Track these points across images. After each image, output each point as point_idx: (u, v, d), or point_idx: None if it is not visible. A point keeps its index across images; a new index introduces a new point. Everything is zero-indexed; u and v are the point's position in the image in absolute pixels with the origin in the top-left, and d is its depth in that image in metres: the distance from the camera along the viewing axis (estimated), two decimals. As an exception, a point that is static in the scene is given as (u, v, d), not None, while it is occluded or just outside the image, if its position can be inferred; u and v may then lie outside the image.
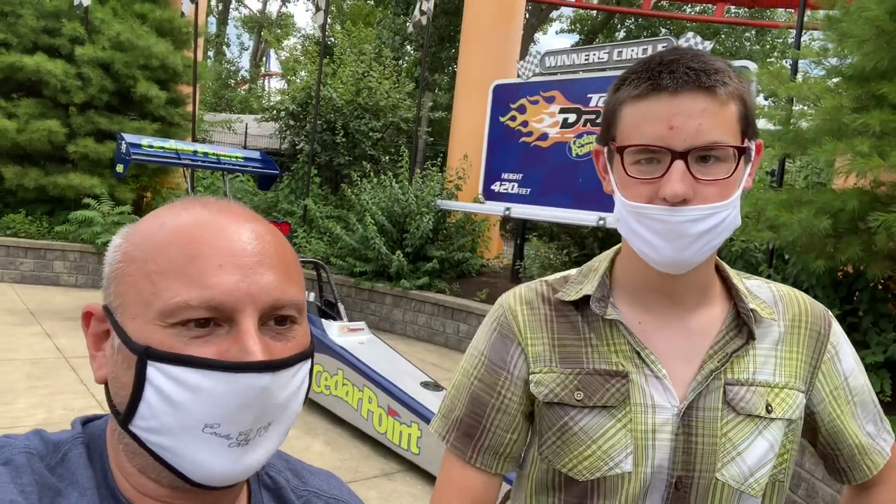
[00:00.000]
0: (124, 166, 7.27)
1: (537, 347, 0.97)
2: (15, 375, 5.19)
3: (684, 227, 0.83)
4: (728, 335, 0.93)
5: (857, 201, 4.00)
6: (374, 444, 4.50)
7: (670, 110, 0.82)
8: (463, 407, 1.02)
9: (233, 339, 0.58)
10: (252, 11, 37.68)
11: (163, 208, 0.65)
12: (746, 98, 0.86)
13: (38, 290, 8.86)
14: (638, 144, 0.84)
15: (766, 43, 24.16)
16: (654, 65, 0.85)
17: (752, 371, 0.92)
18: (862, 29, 3.93)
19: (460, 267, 8.84)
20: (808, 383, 0.96)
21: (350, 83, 12.65)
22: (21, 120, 9.70)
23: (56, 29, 9.92)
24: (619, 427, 0.91)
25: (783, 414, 0.91)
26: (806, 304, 0.99)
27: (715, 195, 0.83)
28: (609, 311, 0.94)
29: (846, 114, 4.04)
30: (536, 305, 1.00)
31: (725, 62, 0.86)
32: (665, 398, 0.91)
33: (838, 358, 0.98)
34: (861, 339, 4.57)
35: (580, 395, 0.93)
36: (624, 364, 0.93)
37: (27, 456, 0.60)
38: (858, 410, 0.98)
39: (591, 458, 0.91)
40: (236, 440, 0.58)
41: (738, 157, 0.84)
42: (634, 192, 0.86)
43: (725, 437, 0.90)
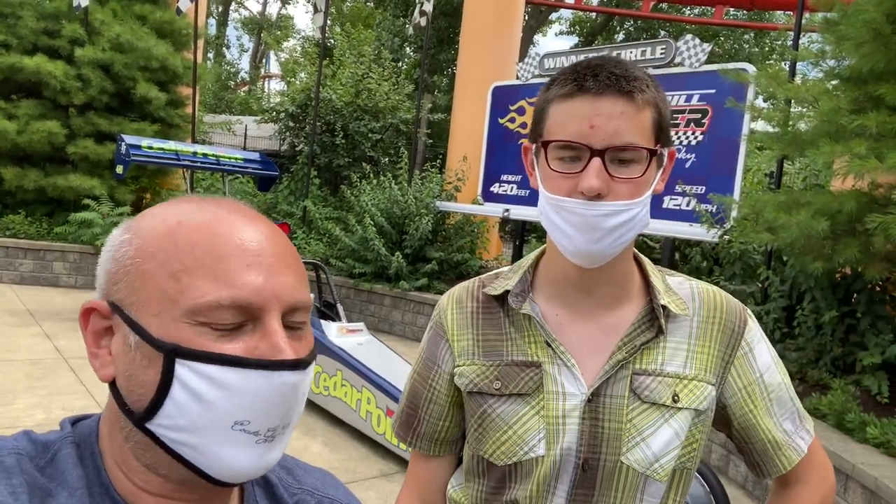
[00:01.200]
0: (124, 167, 7.28)
1: (462, 343, 1.05)
2: (15, 376, 5.19)
3: (598, 220, 0.89)
4: (639, 328, 0.98)
5: (855, 203, 4.01)
6: (372, 444, 4.50)
7: (592, 111, 0.89)
8: (405, 399, 1.15)
9: (260, 337, 0.59)
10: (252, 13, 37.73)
11: (166, 205, 0.64)
12: (661, 107, 0.93)
13: (38, 290, 8.86)
14: (561, 140, 0.91)
15: (765, 45, 24.18)
16: (582, 68, 0.91)
17: (661, 362, 0.97)
18: (859, 31, 3.95)
19: (459, 268, 8.85)
20: (720, 377, 1.00)
21: (350, 85, 12.66)
22: (21, 121, 9.71)
23: (56, 30, 9.93)
24: (533, 413, 0.97)
25: (690, 404, 0.96)
26: (722, 301, 1.03)
27: (627, 193, 0.89)
28: (525, 306, 1.00)
29: (844, 115, 4.05)
30: (465, 304, 1.08)
31: (645, 72, 0.93)
32: (575, 386, 0.96)
33: (752, 355, 1.01)
34: (859, 341, 4.59)
35: (498, 385, 1.00)
36: (538, 355, 0.99)
37: (16, 457, 0.59)
38: (775, 407, 1.02)
39: (508, 442, 0.98)
40: (263, 437, 0.59)
41: (649, 159, 0.90)
42: (556, 185, 0.92)
43: (630, 424, 0.95)
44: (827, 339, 4.72)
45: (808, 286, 4.84)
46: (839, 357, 4.68)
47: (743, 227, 4.95)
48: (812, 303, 4.81)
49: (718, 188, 6.39)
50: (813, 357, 4.82)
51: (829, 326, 4.68)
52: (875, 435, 3.66)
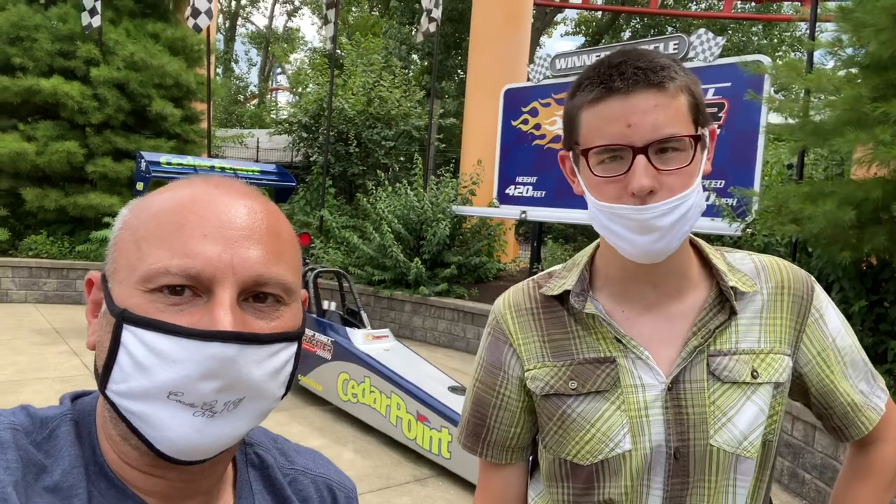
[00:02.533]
0: (144, 184, 7.37)
1: (529, 346, 1.04)
2: (47, 394, 5.26)
3: (654, 221, 0.88)
4: (710, 313, 0.97)
5: (881, 191, 3.98)
6: (404, 450, 4.51)
7: (626, 110, 0.87)
8: (469, 408, 1.12)
9: (207, 310, 0.58)
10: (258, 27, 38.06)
11: (170, 183, 0.66)
12: (694, 89, 0.91)
13: (63, 309, 8.97)
14: (601, 145, 0.89)
15: (774, 37, 24.04)
16: (605, 68, 0.90)
17: (735, 341, 0.97)
18: (878, 18, 3.92)
19: (478, 272, 8.85)
20: (794, 346, 1.00)
21: (361, 93, 12.73)
22: (40, 142, 9.86)
23: (71, 51, 10.08)
24: (614, 409, 0.96)
25: (770, 378, 0.96)
26: (788, 272, 1.02)
27: (678, 184, 0.88)
28: (588, 305, 0.99)
29: (866, 103, 4.02)
30: (524, 305, 1.06)
31: (670, 58, 0.91)
32: (652, 376, 0.96)
33: (823, 321, 1.01)
34: (889, 330, 4.53)
35: (574, 384, 0.99)
36: (611, 350, 0.98)
37: (12, 432, 0.59)
38: (849, 370, 1.02)
39: (592, 441, 0.97)
40: (201, 410, 0.57)
41: (694, 145, 0.89)
42: (603, 191, 0.91)
43: (714, 406, 0.94)
44: (857, 328, 4.67)
45: (836, 276, 4.79)
46: (870, 347, 4.62)
47: (766, 220, 4.92)
48: (840, 293, 4.77)
49: (738, 181, 6.35)
50: (843, 348, 4.77)
51: (858, 317, 4.63)
52: (913, 424, 3.62)
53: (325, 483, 0.81)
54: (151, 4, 11.33)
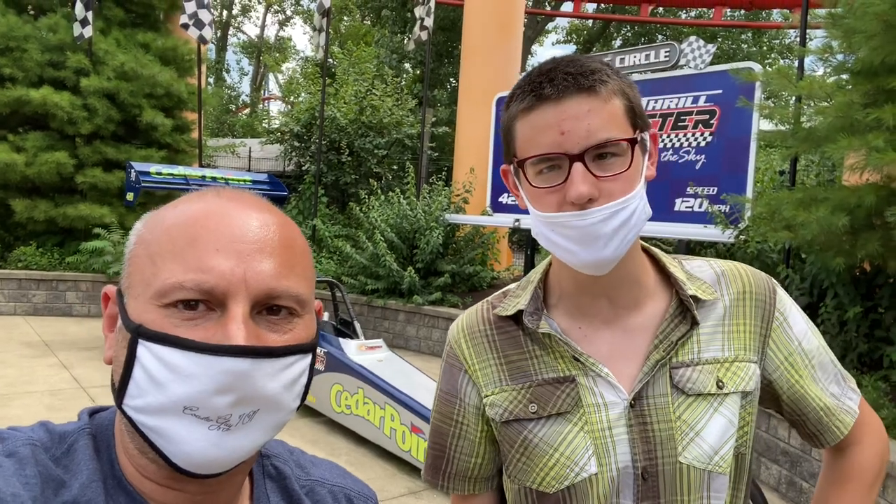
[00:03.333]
0: (134, 194, 7.32)
1: (486, 370, 0.99)
2: (35, 408, 5.18)
3: (596, 228, 0.84)
4: (672, 324, 0.93)
5: (874, 196, 3.98)
6: (398, 462, 4.46)
7: (558, 116, 0.84)
8: (429, 440, 1.08)
9: (220, 324, 0.58)
10: (250, 37, 38.07)
11: (183, 196, 0.65)
12: (628, 91, 0.88)
13: (52, 321, 8.88)
14: (535, 155, 0.86)
15: (764, 44, 24.24)
16: (535, 76, 0.87)
17: (697, 351, 0.93)
18: (869, 24, 3.93)
19: (471, 280, 8.82)
20: (761, 353, 0.96)
21: (353, 102, 12.73)
22: (29, 153, 9.79)
23: (61, 62, 10.03)
24: (577, 430, 0.92)
25: (736, 387, 0.92)
26: (749, 277, 0.99)
27: (618, 190, 0.85)
28: (542, 325, 0.95)
29: (857, 110, 4.03)
30: (478, 328, 1.02)
31: (603, 62, 0.89)
32: (614, 394, 0.91)
33: (788, 324, 0.98)
34: (884, 336, 4.53)
35: (534, 408, 0.94)
36: (570, 369, 0.94)
37: (31, 448, 0.59)
38: (818, 373, 0.99)
39: (556, 466, 0.92)
40: (216, 423, 0.57)
41: (631, 148, 0.86)
42: (544, 202, 0.88)
43: (680, 420, 0.90)
44: (852, 335, 4.66)
45: (830, 283, 4.79)
46: (865, 353, 4.62)
47: (759, 227, 4.91)
48: (835, 299, 4.76)
49: (730, 188, 6.36)
50: (839, 354, 4.76)
51: (853, 323, 4.63)
52: (910, 431, 3.60)
53: (344, 493, 0.80)
54: (142, 14, 11.30)
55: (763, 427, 4.44)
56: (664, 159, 7.18)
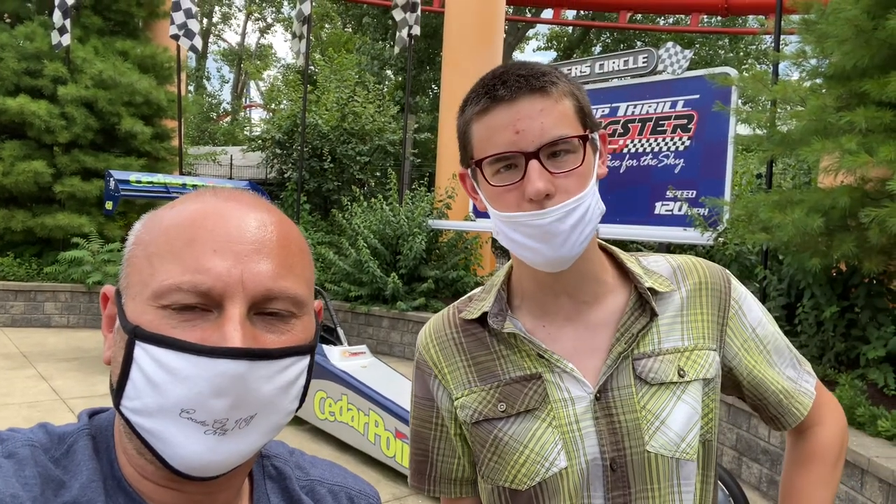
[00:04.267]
0: (113, 203, 7.24)
1: (455, 374, 1.01)
2: (13, 420, 5.10)
3: (554, 226, 0.87)
4: (632, 317, 0.96)
5: (848, 198, 4.05)
6: (383, 468, 4.45)
7: (512, 116, 0.88)
8: (411, 447, 1.10)
9: (217, 326, 0.57)
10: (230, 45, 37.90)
11: (181, 197, 0.65)
12: (577, 94, 0.93)
13: (30, 332, 8.74)
14: (493, 154, 0.89)
15: (740, 50, 24.58)
16: (489, 80, 0.91)
17: (658, 342, 0.96)
18: (841, 29, 4.01)
19: (455, 285, 8.83)
20: (720, 341, 1.00)
21: (335, 109, 12.71)
22: (6, 162, 9.65)
23: (38, 70, 9.90)
24: (545, 426, 0.94)
25: (697, 375, 0.95)
26: (703, 269, 1.03)
27: (573, 186, 0.88)
28: (507, 325, 0.97)
29: (831, 113, 4.11)
30: (445, 333, 1.04)
31: (551, 66, 0.93)
32: (580, 388, 0.94)
33: (742, 312, 1.02)
34: (861, 335, 4.60)
35: (503, 406, 0.96)
36: (536, 367, 0.96)
37: (31, 448, 0.59)
38: (774, 358, 1.03)
39: (527, 463, 0.94)
40: (212, 428, 0.57)
41: (583, 146, 0.90)
42: (502, 201, 0.91)
43: (645, 410, 0.93)
44: (829, 334, 4.74)
45: (807, 283, 4.86)
46: (842, 352, 4.69)
47: (737, 229, 4.98)
48: (812, 300, 4.84)
49: (709, 191, 6.44)
50: (816, 354, 4.83)
51: (830, 322, 4.70)
52: (887, 427, 3.67)
53: (345, 492, 0.80)
54: (120, 22, 11.21)
55: (744, 426, 4.49)
56: (644, 164, 7.26)
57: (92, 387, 6.12)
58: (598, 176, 0.93)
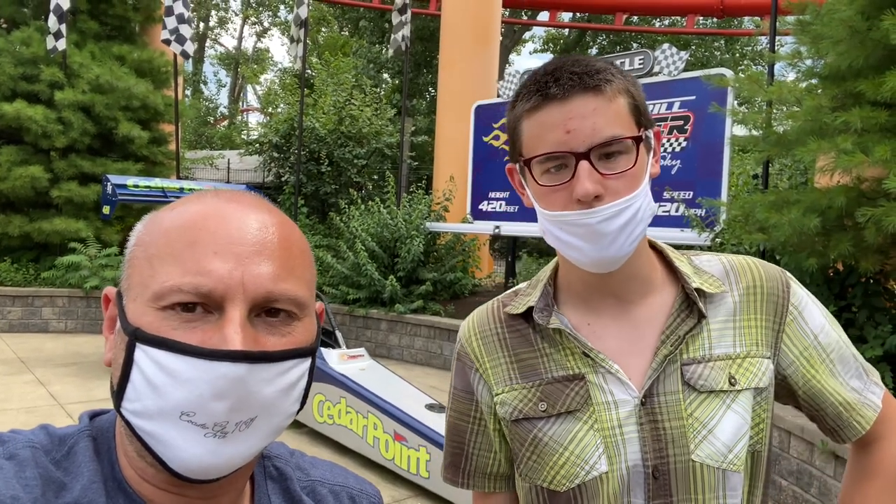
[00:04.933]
0: (111, 207, 7.24)
1: (496, 369, 1.00)
2: (11, 425, 5.08)
3: (603, 226, 0.85)
4: (678, 318, 0.93)
5: (845, 198, 4.06)
6: (381, 471, 4.44)
7: (564, 115, 0.85)
8: (447, 439, 1.08)
9: (217, 328, 0.57)
10: (227, 49, 37.91)
11: (182, 198, 0.65)
12: (633, 90, 0.89)
13: (28, 338, 8.73)
14: (542, 154, 0.87)
15: (736, 51, 24.66)
16: (541, 76, 0.89)
17: (709, 347, 0.92)
18: (836, 30, 4.03)
19: (453, 288, 8.83)
20: (774, 348, 0.95)
21: (332, 112, 12.72)
22: (3, 168, 9.65)
23: (34, 75, 9.91)
24: (587, 429, 0.92)
25: (749, 384, 0.91)
26: (759, 270, 0.98)
27: (624, 188, 0.86)
28: (553, 320, 0.95)
29: (826, 113, 4.12)
30: (489, 327, 1.03)
31: (607, 62, 0.90)
32: (625, 391, 0.91)
33: (803, 318, 0.96)
34: (858, 335, 4.61)
35: (544, 406, 0.94)
36: (579, 367, 0.94)
37: (32, 450, 0.59)
38: (838, 367, 0.97)
39: (567, 465, 0.92)
40: (212, 431, 0.56)
41: (636, 146, 0.87)
42: (550, 200, 0.89)
43: (692, 418, 0.89)
44: (826, 334, 4.74)
45: (804, 283, 4.86)
46: (840, 352, 4.70)
47: (734, 229, 4.99)
48: (809, 299, 4.84)
49: (706, 192, 6.45)
50: (814, 353, 4.84)
51: (827, 322, 4.71)
52: (884, 426, 3.67)
53: (346, 492, 0.80)
54: (117, 27, 11.21)
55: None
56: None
57: (90, 392, 6.11)
58: (651, 175, 0.91)
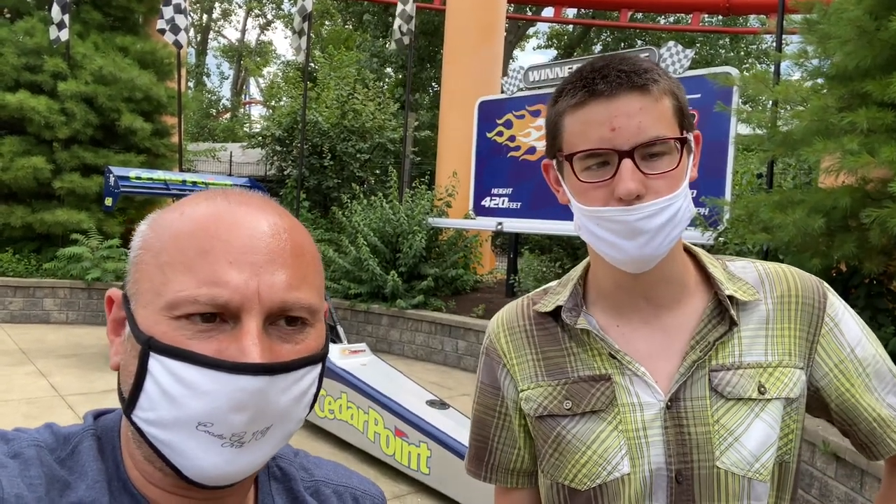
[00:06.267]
0: (113, 199, 7.22)
1: (523, 366, 1.00)
2: (12, 417, 5.09)
3: (642, 223, 0.85)
4: (710, 324, 0.92)
5: (849, 199, 4.05)
6: (382, 466, 4.45)
7: (610, 113, 0.85)
8: (472, 432, 1.10)
9: (234, 338, 0.57)
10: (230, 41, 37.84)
11: (187, 198, 0.64)
12: (678, 93, 0.89)
13: (29, 328, 8.73)
14: (585, 150, 0.87)
15: (741, 49, 24.58)
16: (587, 73, 0.88)
17: (739, 354, 0.92)
18: (843, 30, 4.01)
19: (455, 284, 8.83)
20: (808, 359, 0.94)
21: (335, 106, 12.69)
22: (5, 158, 9.63)
23: (38, 66, 9.89)
24: (611, 429, 0.92)
25: (779, 393, 0.90)
26: (795, 279, 0.97)
27: (665, 188, 0.85)
28: (580, 321, 0.95)
29: (832, 114, 4.10)
30: (517, 323, 1.03)
31: (652, 62, 0.90)
32: (651, 394, 0.91)
33: (839, 330, 0.94)
34: (860, 335, 4.61)
35: (569, 404, 0.95)
36: (606, 367, 0.94)
37: (36, 449, 0.59)
38: (874, 382, 0.95)
39: (589, 464, 0.92)
40: (230, 440, 0.56)
41: (680, 148, 0.87)
42: (589, 196, 0.88)
43: (718, 424, 0.89)
44: (829, 335, 4.74)
45: (807, 283, 4.86)
46: (842, 352, 4.69)
47: (737, 229, 4.98)
48: (812, 300, 4.83)
49: (709, 191, 6.43)
50: (816, 354, 4.83)
51: (830, 322, 4.70)
52: (886, 428, 3.66)
53: (350, 493, 0.80)
54: (120, 18, 11.19)
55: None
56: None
57: (91, 383, 6.11)
58: (690, 178, 0.90)
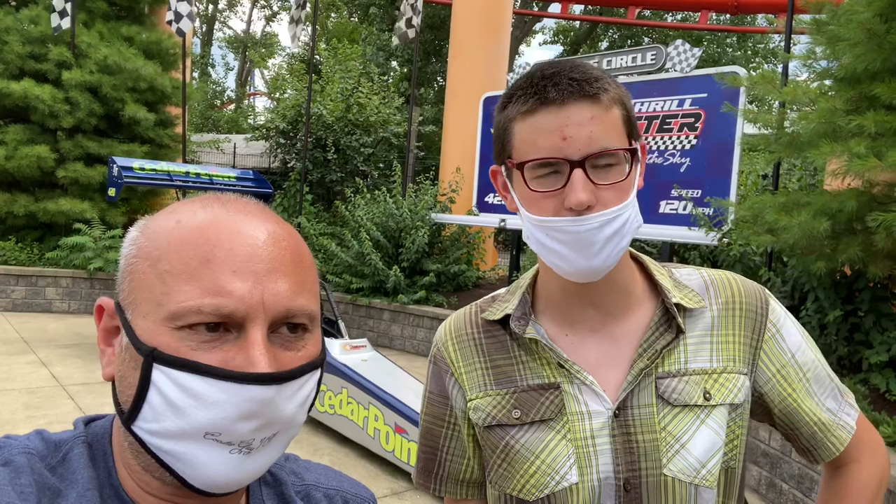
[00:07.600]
0: (116, 190, 7.22)
1: (471, 374, 0.99)
2: (13, 406, 5.10)
3: (591, 234, 0.84)
4: (657, 332, 0.92)
5: (856, 202, 4.02)
6: (381, 462, 4.45)
7: (560, 122, 0.83)
8: (420, 443, 1.08)
9: (239, 348, 0.57)
10: (236, 32, 37.77)
11: (180, 203, 0.64)
12: (626, 101, 0.88)
13: (31, 317, 8.75)
14: (536, 159, 0.85)
15: (748, 49, 24.47)
16: (538, 79, 0.86)
17: (684, 361, 0.92)
18: (853, 32, 3.98)
19: (457, 280, 8.82)
20: (751, 365, 0.94)
21: (339, 100, 12.66)
22: (9, 146, 9.63)
23: (42, 54, 9.87)
24: (559, 438, 0.91)
25: (724, 399, 0.90)
26: (739, 286, 0.97)
27: (614, 199, 0.85)
28: (529, 330, 0.94)
29: (840, 116, 4.07)
30: (465, 331, 1.02)
31: (602, 70, 0.88)
32: (599, 403, 0.90)
33: (781, 336, 0.96)
34: (864, 339, 4.59)
35: (517, 413, 0.93)
36: (555, 376, 0.93)
37: (27, 456, 0.59)
38: (814, 387, 0.96)
39: (537, 474, 0.91)
40: (238, 448, 0.57)
41: (630, 158, 0.87)
42: (540, 206, 0.87)
43: (665, 431, 0.89)
44: (832, 338, 4.72)
45: (811, 286, 4.84)
46: (845, 356, 4.68)
47: (742, 230, 4.96)
48: (815, 303, 4.82)
49: (714, 191, 6.41)
50: (818, 357, 4.81)
51: (833, 326, 4.68)
52: (889, 433, 3.65)
53: (340, 496, 0.80)
54: (126, 7, 11.17)
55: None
56: (650, 161, 7.23)
57: (92, 373, 6.12)
58: (637, 188, 0.90)
